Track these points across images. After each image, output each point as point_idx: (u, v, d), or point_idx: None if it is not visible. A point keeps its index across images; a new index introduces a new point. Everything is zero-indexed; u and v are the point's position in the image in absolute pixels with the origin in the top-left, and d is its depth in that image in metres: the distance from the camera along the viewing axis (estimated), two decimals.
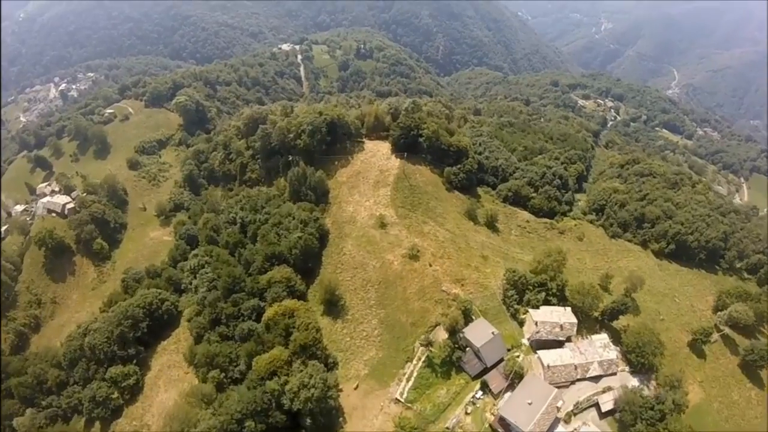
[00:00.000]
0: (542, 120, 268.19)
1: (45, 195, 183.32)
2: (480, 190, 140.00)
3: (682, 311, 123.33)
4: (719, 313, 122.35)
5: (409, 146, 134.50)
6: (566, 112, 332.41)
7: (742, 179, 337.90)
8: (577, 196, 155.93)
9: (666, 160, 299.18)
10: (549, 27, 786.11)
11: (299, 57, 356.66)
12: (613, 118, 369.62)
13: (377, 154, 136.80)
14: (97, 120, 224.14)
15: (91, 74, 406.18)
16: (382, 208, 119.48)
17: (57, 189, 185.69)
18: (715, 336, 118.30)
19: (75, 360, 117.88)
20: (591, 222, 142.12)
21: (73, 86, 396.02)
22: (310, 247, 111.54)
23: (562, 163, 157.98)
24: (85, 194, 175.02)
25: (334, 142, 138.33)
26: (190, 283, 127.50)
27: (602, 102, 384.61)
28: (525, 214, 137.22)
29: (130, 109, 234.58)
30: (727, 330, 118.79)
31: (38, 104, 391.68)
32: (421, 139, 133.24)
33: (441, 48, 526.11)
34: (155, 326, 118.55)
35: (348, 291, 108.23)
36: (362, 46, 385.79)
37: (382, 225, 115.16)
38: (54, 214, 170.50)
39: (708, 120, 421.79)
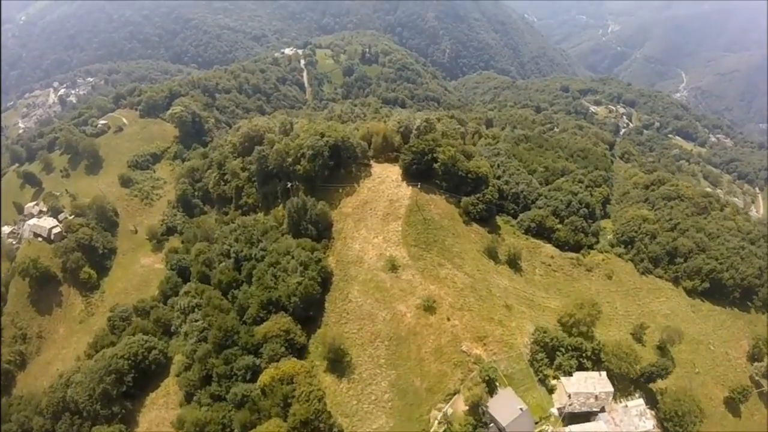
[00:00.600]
0: (556, 130, 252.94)
1: (32, 216, 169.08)
2: (499, 220, 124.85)
3: (717, 361, 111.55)
4: (755, 364, 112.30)
5: (422, 172, 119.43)
6: (579, 119, 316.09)
7: (757, 189, 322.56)
8: (602, 222, 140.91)
9: (682, 170, 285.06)
10: (555, 29, 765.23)
11: (302, 62, 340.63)
12: (625, 125, 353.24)
13: (386, 180, 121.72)
14: (90, 131, 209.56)
15: (91, 79, 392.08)
16: (393, 247, 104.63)
17: (45, 209, 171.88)
18: (752, 391, 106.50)
19: (58, 413, 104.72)
20: (620, 256, 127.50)
21: (72, 91, 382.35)
22: (311, 295, 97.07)
23: (586, 187, 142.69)
24: (72, 217, 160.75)
25: (337, 167, 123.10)
26: (181, 326, 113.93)
27: (614, 108, 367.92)
28: (549, 248, 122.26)
29: (125, 120, 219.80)
30: (765, 386, 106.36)
31: (37, 110, 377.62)
32: (435, 165, 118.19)
33: (447, 51, 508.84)
34: (142, 377, 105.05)
35: (355, 345, 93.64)
36: (367, 50, 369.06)
37: (393, 268, 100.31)
38: (40, 239, 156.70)
39: (720, 126, 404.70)
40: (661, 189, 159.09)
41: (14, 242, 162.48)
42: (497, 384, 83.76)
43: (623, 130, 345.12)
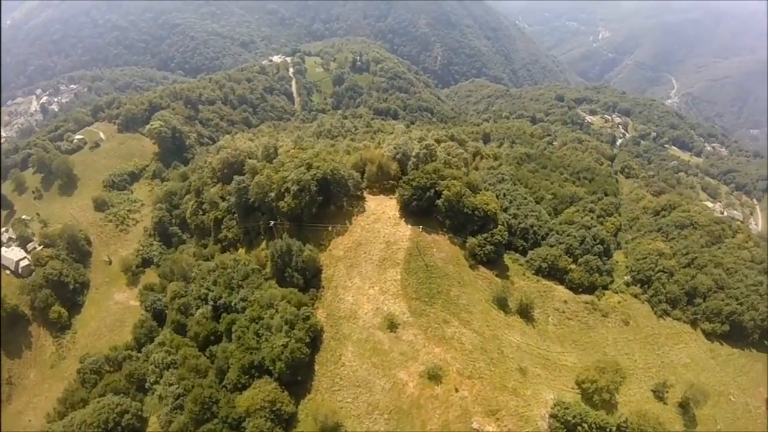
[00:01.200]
0: (555, 144, 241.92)
1: (1, 244, 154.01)
2: (507, 258, 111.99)
3: (737, 414, 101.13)
4: None
5: (422, 209, 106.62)
6: (575, 130, 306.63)
7: (755, 200, 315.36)
8: (616, 255, 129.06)
9: (681, 182, 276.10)
10: (546, 35, 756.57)
11: (291, 70, 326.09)
12: (621, 135, 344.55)
13: (382, 217, 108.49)
14: (65, 148, 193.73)
15: (74, 86, 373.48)
16: (391, 300, 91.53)
17: (14, 236, 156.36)
18: None
19: None
20: (636, 296, 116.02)
21: (55, 99, 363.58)
22: (298, 359, 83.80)
23: (598, 217, 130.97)
24: (41, 247, 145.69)
25: (327, 202, 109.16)
26: (156, 382, 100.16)
27: (609, 118, 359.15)
28: (562, 291, 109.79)
29: (102, 135, 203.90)
30: None
31: (18, 118, 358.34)
32: (438, 201, 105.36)
33: (439, 58, 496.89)
34: None
35: (349, 417, 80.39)
36: (358, 58, 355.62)
37: (392, 326, 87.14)
38: (8, 272, 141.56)
39: (714, 135, 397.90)
40: (673, 215, 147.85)
41: None
42: None
43: (620, 141, 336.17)
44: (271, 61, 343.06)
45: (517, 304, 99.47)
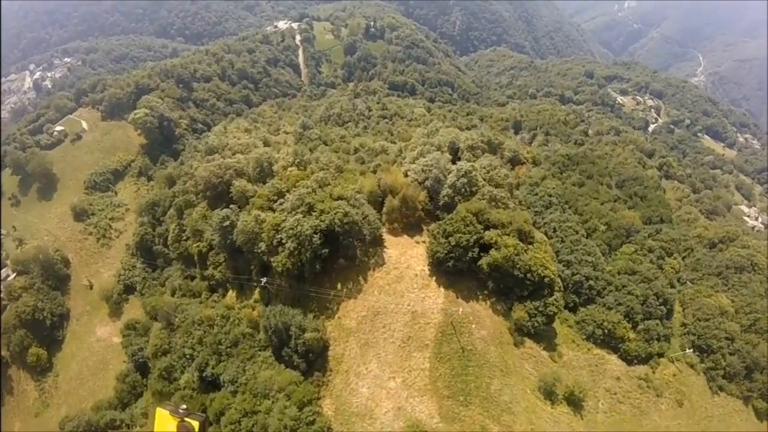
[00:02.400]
0: (589, 131, 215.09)
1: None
2: (557, 320, 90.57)
3: None
4: None
5: (459, 270, 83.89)
6: (608, 114, 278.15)
7: None
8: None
9: (716, 180, 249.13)
10: (569, 1, 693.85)
11: (298, 38, 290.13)
12: (654, 120, 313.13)
13: (406, 273, 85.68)
14: (45, 141, 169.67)
15: (68, 59, 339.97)
16: (417, 398, 71.05)
17: None
18: None
19: None
20: (692, 366, 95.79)
21: (48, 74, 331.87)
22: None
23: (657, 258, 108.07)
24: (14, 276, 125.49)
25: (335, 253, 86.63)
26: None
27: (641, 99, 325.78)
28: (615, 363, 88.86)
29: (84, 124, 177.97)
30: None
31: (11, 96, 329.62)
32: (483, 261, 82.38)
33: (458, 23, 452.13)
34: None
35: None
36: (372, 24, 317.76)
37: None
38: None
39: (747, 125, 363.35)
40: (731, 252, 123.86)
41: None
42: None
43: (652, 126, 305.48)
44: (276, 27, 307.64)
45: (565, 390, 79.17)
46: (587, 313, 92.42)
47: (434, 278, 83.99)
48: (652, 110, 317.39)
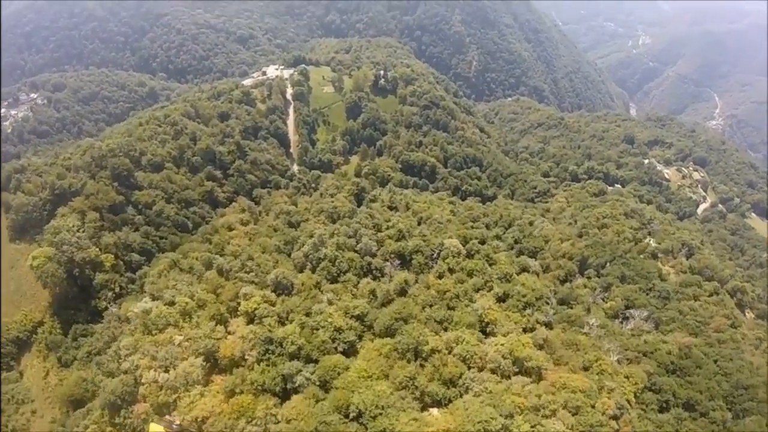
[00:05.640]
0: (660, 257, 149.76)
1: None
2: None
3: None
4: None
5: None
6: (660, 203, 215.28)
7: None
8: None
9: None
10: (582, 36, 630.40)
11: (289, 92, 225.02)
12: (702, 199, 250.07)
13: None
14: None
15: (35, 95, 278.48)
16: None
17: None
18: None
19: None
20: None
21: (12, 112, 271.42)
22: None
23: None
24: None
25: None
26: None
27: (686, 171, 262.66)
28: None
29: None
30: None
31: None
32: None
33: (474, 63, 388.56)
34: None
35: None
36: (382, 73, 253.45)
37: None
38: None
39: None
40: None
41: None
42: None
43: (702, 207, 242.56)
44: (264, 74, 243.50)
45: None
46: None
47: None
48: (699, 186, 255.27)
